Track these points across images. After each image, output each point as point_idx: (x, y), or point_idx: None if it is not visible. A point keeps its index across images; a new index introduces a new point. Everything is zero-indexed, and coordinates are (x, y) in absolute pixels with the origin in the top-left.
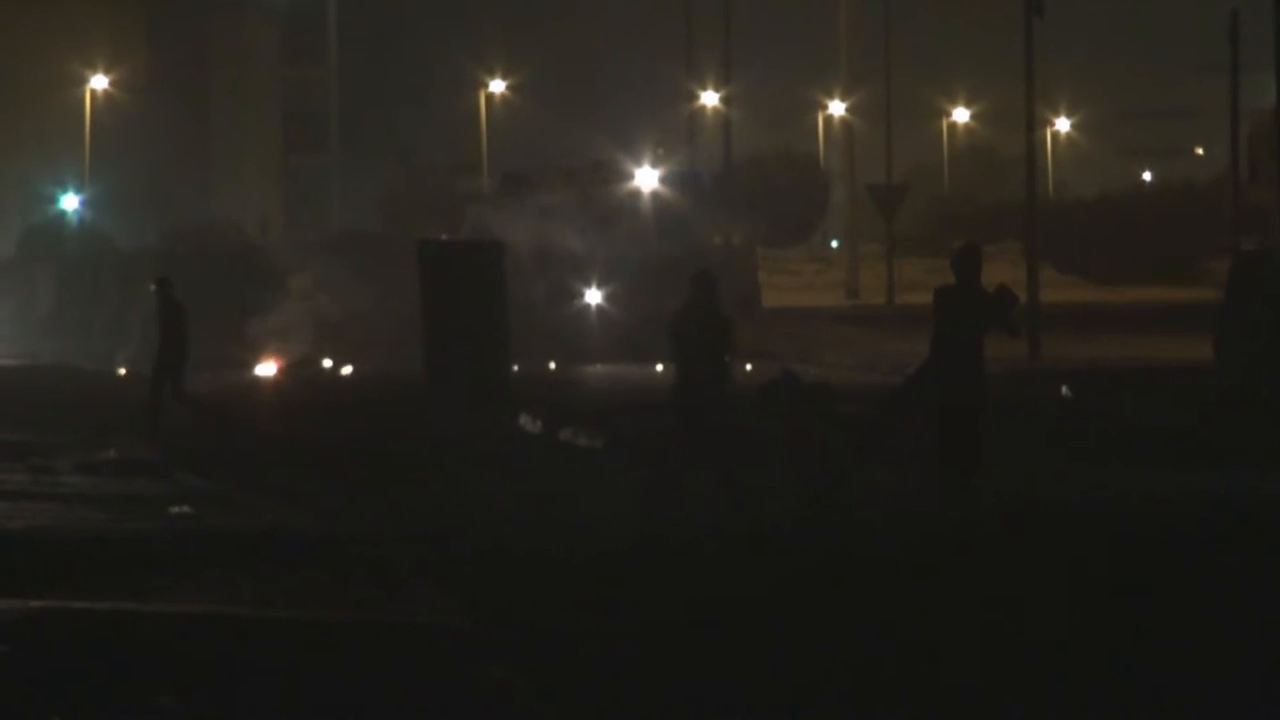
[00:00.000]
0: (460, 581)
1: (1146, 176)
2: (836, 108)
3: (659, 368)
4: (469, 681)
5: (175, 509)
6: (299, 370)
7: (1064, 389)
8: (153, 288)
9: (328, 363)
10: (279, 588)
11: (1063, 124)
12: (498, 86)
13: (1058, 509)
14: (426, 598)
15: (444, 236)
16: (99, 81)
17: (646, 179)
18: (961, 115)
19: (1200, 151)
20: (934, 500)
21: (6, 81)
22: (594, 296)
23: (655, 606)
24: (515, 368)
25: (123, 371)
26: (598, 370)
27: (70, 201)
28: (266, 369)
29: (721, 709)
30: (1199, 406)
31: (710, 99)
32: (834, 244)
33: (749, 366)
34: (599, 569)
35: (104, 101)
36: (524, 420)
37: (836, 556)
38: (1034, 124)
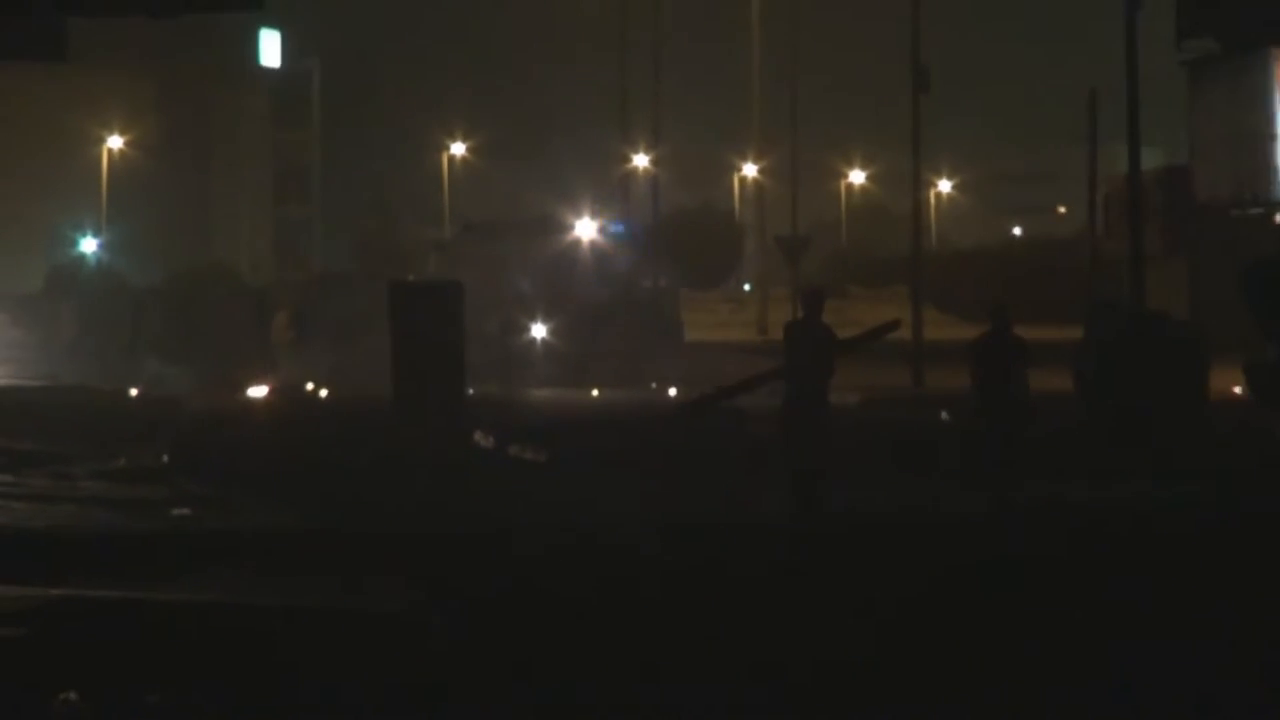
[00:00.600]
0: (419, 574)
1: (1016, 231)
2: (750, 169)
3: (595, 393)
4: (430, 660)
5: (177, 511)
6: (285, 392)
7: (943, 414)
8: None
9: (310, 386)
10: (268, 578)
11: (944, 185)
12: (459, 149)
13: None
14: (389, 587)
15: (411, 277)
16: (114, 142)
17: (586, 230)
18: (858, 176)
19: (1063, 210)
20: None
21: (34, 141)
22: (540, 330)
23: (598, 592)
24: (471, 391)
25: (134, 392)
26: (543, 394)
27: (89, 244)
28: (258, 390)
29: (665, 689)
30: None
31: (641, 161)
32: (746, 287)
33: (673, 391)
34: (545, 561)
35: (119, 159)
36: (478, 436)
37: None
38: (919, 185)
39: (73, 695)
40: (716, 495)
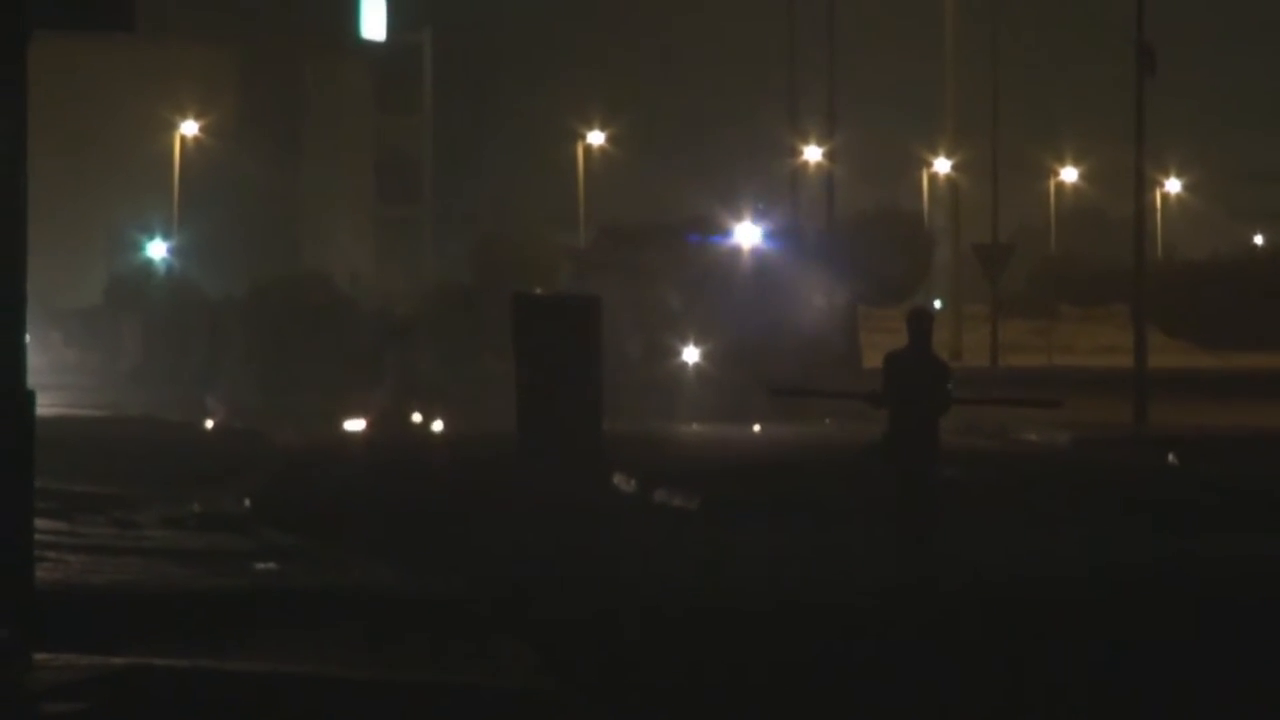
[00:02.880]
0: (548, 642)
1: (1258, 240)
2: (942, 165)
3: (757, 428)
4: None
5: (260, 565)
6: (388, 425)
7: (1170, 456)
8: None
9: (418, 418)
10: (364, 647)
11: (1173, 185)
12: (596, 138)
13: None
14: (513, 658)
15: (539, 291)
16: (189, 127)
17: (747, 235)
18: (1070, 174)
19: None
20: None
21: (95, 124)
22: (691, 355)
23: (747, 670)
24: (610, 426)
25: (210, 424)
26: (695, 430)
27: (157, 249)
28: (355, 423)
29: None
30: None
31: (813, 154)
32: (937, 304)
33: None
34: (689, 632)
35: (193, 147)
36: (618, 480)
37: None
38: (1144, 185)
39: None
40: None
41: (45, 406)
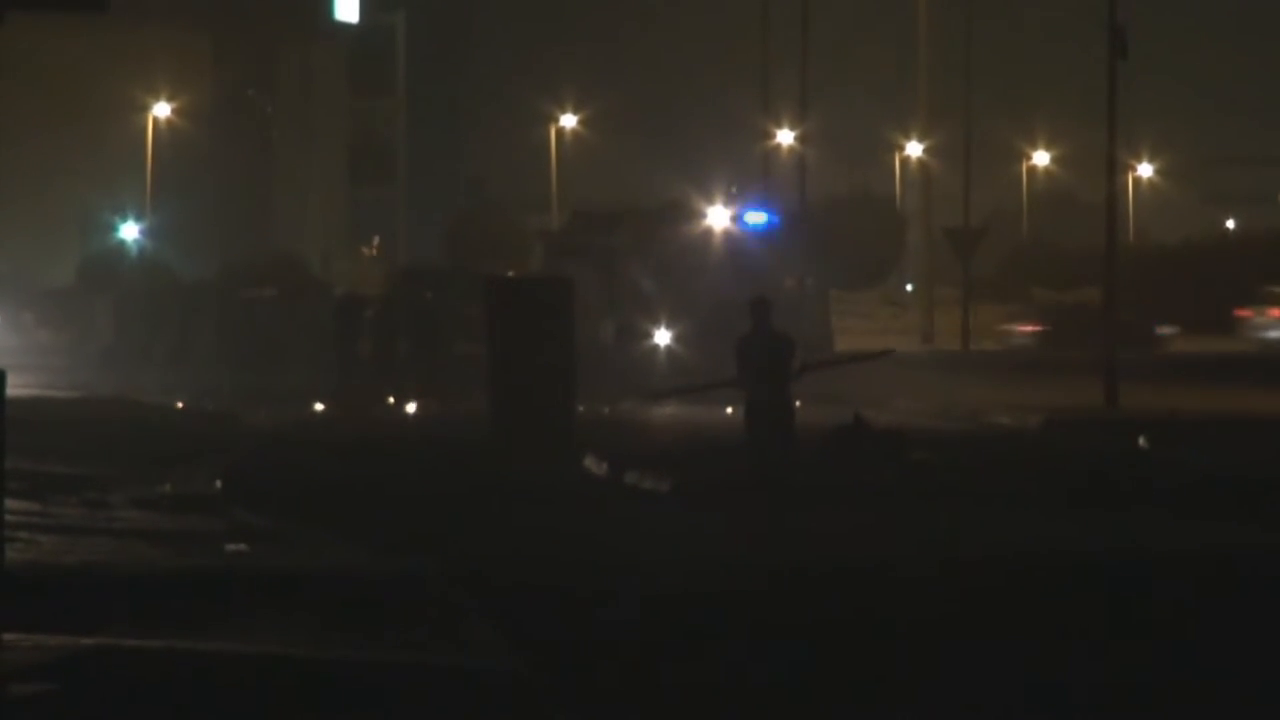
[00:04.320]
0: (517, 624)
1: (1230, 224)
2: (914, 148)
3: (728, 410)
4: None
5: (231, 546)
6: (360, 407)
7: (1140, 439)
8: None
9: (390, 400)
10: (334, 628)
11: (1145, 169)
12: (569, 121)
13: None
14: (483, 639)
15: (511, 273)
16: (162, 109)
17: (719, 218)
18: (1042, 158)
19: None
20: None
21: (68, 106)
22: (663, 337)
23: (713, 651)
24: (581, 408)
25: (181, 405)
26: (667, 412)
27: (130, 230)
28: (327, 405)
29: None
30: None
31: (786, 138)
32: (909, 288)
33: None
34: (658, 612)
35: (166, 129)
36: (589, 462)
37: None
38: (1115, 169)
39: None
40: (858, 532)
41: (17, 387)
